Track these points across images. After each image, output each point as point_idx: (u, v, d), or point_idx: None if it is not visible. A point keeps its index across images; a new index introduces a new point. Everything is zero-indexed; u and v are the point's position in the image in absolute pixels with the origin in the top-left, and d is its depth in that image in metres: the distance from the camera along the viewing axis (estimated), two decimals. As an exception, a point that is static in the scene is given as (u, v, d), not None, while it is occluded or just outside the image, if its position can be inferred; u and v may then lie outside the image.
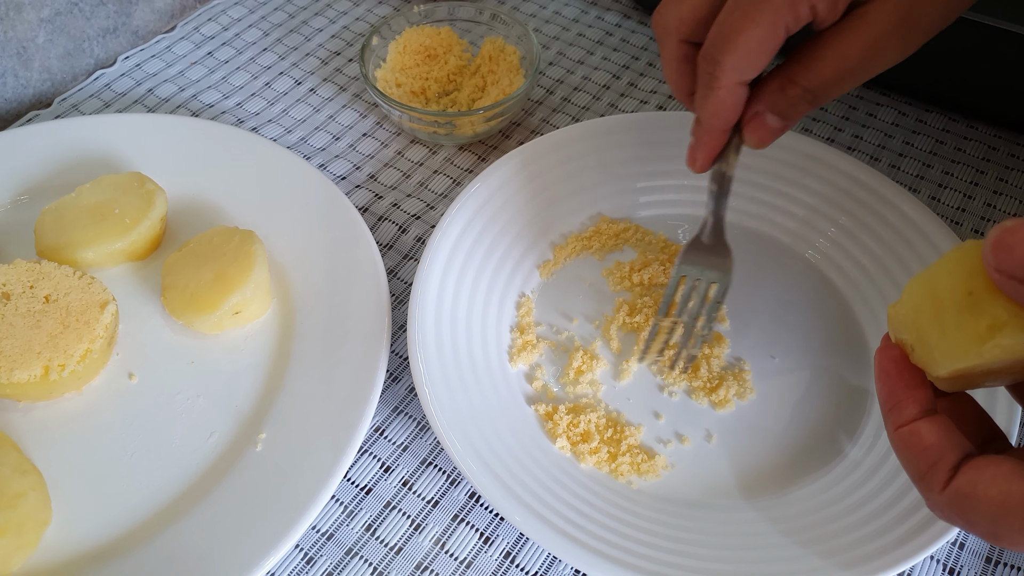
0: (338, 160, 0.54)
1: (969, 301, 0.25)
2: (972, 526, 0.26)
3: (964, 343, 0.25)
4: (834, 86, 0.35)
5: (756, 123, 0.36)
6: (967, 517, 0.26)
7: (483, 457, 0.37)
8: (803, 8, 0.33)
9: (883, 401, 0.29)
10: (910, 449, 0.28)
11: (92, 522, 0.37)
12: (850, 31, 0.33)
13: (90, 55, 0.59)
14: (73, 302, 0.40)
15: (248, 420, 0.40)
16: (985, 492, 0.26)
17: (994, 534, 0.26)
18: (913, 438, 0.28)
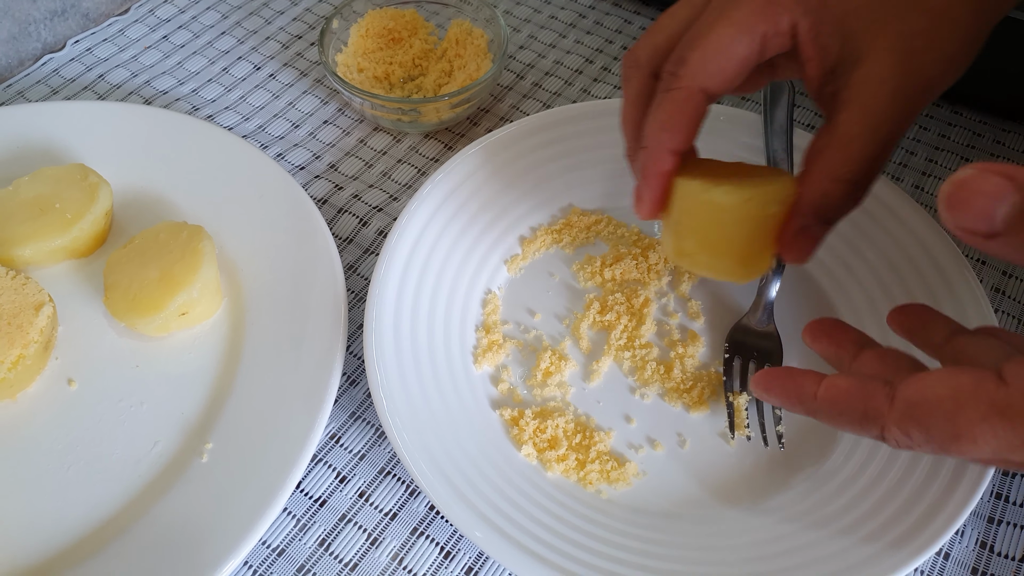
0: (297, 149, 0.51)
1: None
2: (931, 433, 0.25)
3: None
4: (875, 164, 0.31)
5: (804, 238, 0.32)
6: (924, 424, 0.25)
7: (442, 468, 0.35)
8: (783, 17, 0.31)
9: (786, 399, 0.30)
10: (839, 401, 0.28)
11: (24, 539, 0.35)
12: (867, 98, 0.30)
13: (37, 39, 0.56)
14: (5, 304, 0.38)
15: (194, 428, 0.38)
16: (934, 393, 0.25)
17: (955, 434, 0.25)
18: (832, 391, 0.28)
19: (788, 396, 0.29)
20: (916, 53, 0.30)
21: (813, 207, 0.31)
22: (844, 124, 0.31)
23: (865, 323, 0.41)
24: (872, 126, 0.30)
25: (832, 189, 0.31)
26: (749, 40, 0.31)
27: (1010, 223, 0.23)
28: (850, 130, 0.31)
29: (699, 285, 0.44)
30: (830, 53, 0.31)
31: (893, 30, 0.30)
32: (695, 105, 0.32)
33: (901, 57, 0.30)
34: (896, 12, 0.30)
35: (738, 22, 0.31)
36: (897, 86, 0.30)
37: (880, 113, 0.30)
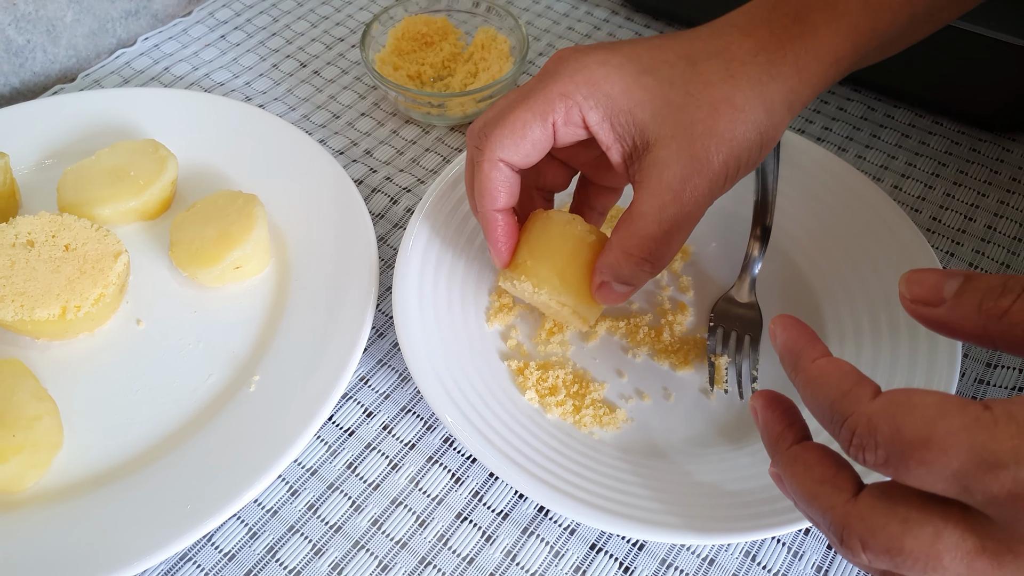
0: (337, 136, 0.58)
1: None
2: (900, 433, 0.24)
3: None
4: (665, 243, 0.36)
5: (605, 291, 0.39)
6: (897, 422, 0.24)
7: (457, 404, 0.41)
8: (573, 110, 0.35)
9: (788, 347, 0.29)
10: (831, 374, 0.27)
11: (98, 449, 0.41)
12: (653, 180, 0.35)
13: (113, 35, 0.63)
14: (90, 251, 0.44)
15: (243, 364, 0.44)
16: (921, 399, 0.24)
17: (927, 437, 0.23)
18: (834, 364, 0.27)
19: (794, 344, 0.29)
20: (695, 138, 0.35)
21: (609, 269, 0.37)
22: (635, 203, 0.36)
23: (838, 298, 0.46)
24: (657, 206, 0.35)
25: (623, 260, 0.36)
26: (541, 126, 0.36)
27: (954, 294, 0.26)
28: (640, 208, 0.35)
29: (690, 264, 0.49)
30: (627, 141, 0.36)
31: (674, 120, 0.35)
32: (500, 173, 0.37)
33: (682, 143, 0.35)
34: (676, 105, 0.35)
35: (532, 108, 0.36)
36: (680, 169, 0.35)
37: (664, 193, 0.35)
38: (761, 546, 0.40)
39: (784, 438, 0.29)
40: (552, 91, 0.36)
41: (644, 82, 0.35)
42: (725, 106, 0.35)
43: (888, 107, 0.60)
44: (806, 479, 0.27)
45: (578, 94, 0.35)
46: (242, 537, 0.40)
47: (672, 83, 0.35)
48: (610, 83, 0.35)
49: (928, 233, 0.52)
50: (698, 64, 0.36)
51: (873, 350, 0.44)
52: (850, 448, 0.25)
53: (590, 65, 0.36)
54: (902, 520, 0.25)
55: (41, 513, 0.38)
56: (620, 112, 0.36)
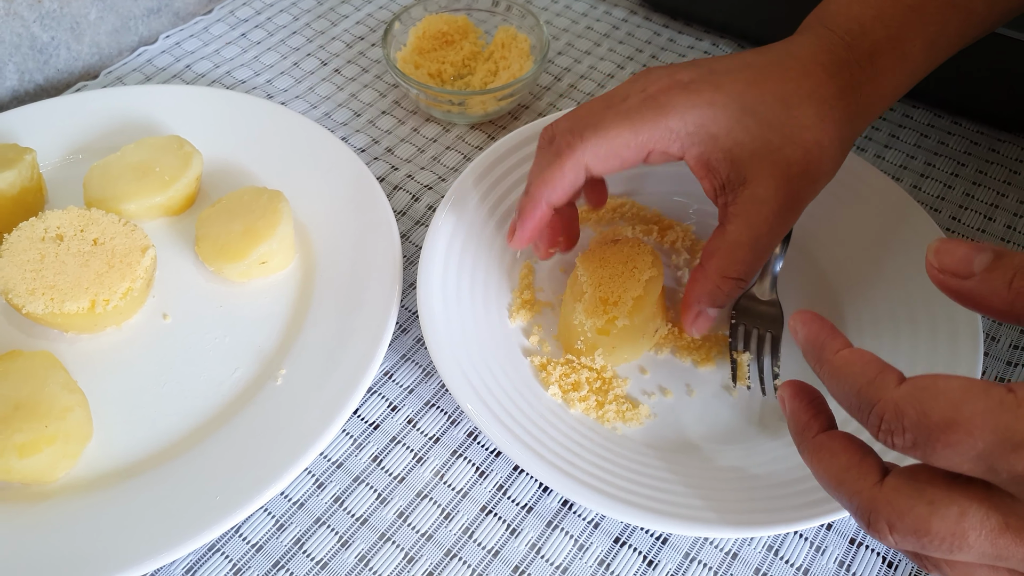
0: (358, 134, 0.58)
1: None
2: (927, 416, 0.24)
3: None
4: (757, 264, 0.40)
5: (702, 319, 0.42)
6: (924, 406, 0.25)
7: (482, 397, 0.41)
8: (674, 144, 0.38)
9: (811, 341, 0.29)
10: (855, 363, 0.27)
11: (126, 441, 0.41)
12: (752, 214, 0.38)
13: (135, 33, 0.64)
14: (118, 245, 0.44)
15: (269, 359, 0.44)
16: (946, 384, 0.25)
17: (952, 420, 0.24)
18: (857, 354, 0.28)
19: (816, 337, 0.29)
20: (792, 179, 0.38)
21: (708, 297, 0.41)
22: (732, 233, 0.39)
23: (859, 297, 0.47)
24: (755, 236, 0.39)
25: (723, 284, 0.40)
26: (636, 149, 0.38)
27: (983, 268, 0.27)
28: (738, 239, 0.39)
29: (711, 261, 0.50)
30: (719, 175, 0.39)
31: (771, 160, 0.38)
32: (576, 174, 0.39)
33: (779, 183, 0.38)
34: (775, 146, 0.38)
35: (637, 131, 0.38)
36: (777, 206, 0.38)
37: (761, 226, 0.38)
38: (783, 541, 0.40)
39: (810, 427, 0.30)
40: (661, 123, 0.37)
41: (746, 123, 0.38)
42: (817, 149, 0.38)
43: (907, 107, 0.60)
44: (832, 466, 0.28)
45: (685, 131, 0.38)
46: (269, 529, 0.40)
47: (771, 126, 0.38)
48: (716, 125, 0.38)
49: (948, 232, 0.53)
50: (793, 108, 0.38)
51: (892, 350, 0.44)
52: (879, 433, 0.26)
53: (700, 105, 0.38)
54: (928, 502, 0.26)
55: (71, 503, 0.39)
56: (720, 150, 0.38)
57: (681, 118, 0.38)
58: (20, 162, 0.47)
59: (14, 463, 0.37)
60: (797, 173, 0.38)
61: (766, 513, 0.38)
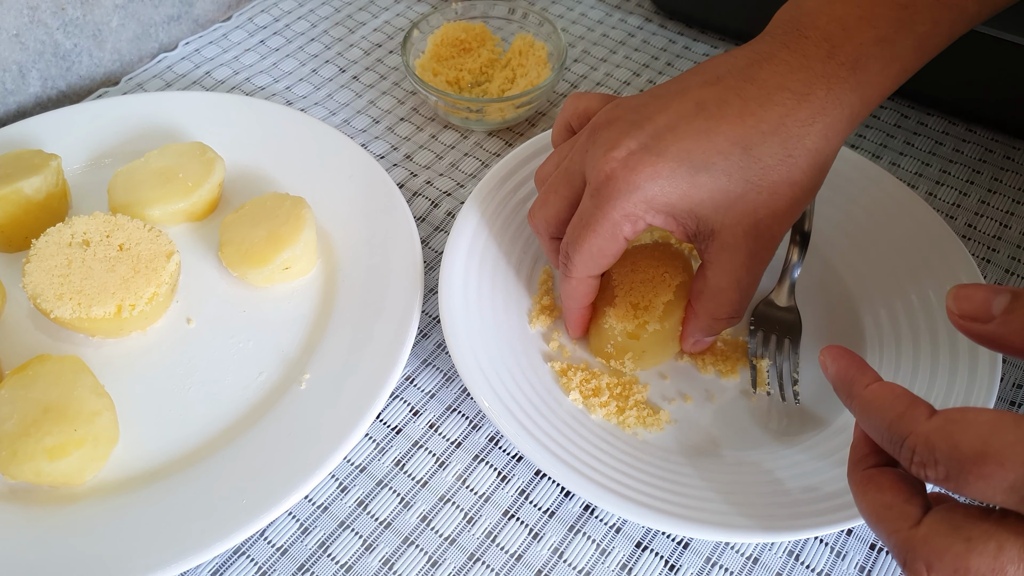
0: (377, 141, 0.58)
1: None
2: (958, 448, 0.25)
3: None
4: (745, 301, 0.40)
5: (697, 344, 0.44)
6: (954, 439, 0.25)
7: (504, 402, 0.41)
8: (639, 223, 0.38)
9: (841, 376, 0.31)
10: (885, 397, 0.28)
11: (153, 445, 0.41)
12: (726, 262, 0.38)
13: (155, 40, 0.64)
14: (143, 251, 0.45)
15: (293, 363, 0.45)
16: (976, 416, 0.25)
17: (983, 452, 0.24)
18: (887, 388, 0.29)
19: (846, 373, 0.30)
20: (760, 222, 0.37)
21: (702, 332, 0.43)
22: (712, 279, 0.40)
23: (877, 303, 0.47)
24: (734, 280, 0.39)
25: (713, 323, 0.42)
26: (614, 245, 0.39)
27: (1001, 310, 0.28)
28: (719, 283, 0.39)
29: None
30: (688, 228, 0.38)
31: (736, 211, 0.37)
32: (587, 286, 0.42)
33: (747, 229, 0.37)
34: (737, 195, 0.37)
35: (602, 233, 0.38)
36: (748, 251, 0.38)
37: (740, 270, 0.39)
38: (804, 546, 0.40)
39: (867, 459, 0.30)
40: (613, 215, 0.37)
41: (700, 182, 0.36)
42: (785, 187, 0.37)
43: (921, 115, 0.60)
44: (876, 501, 0.29)
45: (637, 211, 0.37)
46: (294, 532, 0.40)
47: (730, 175, 0.36)
48: (666, 195, 0.37)
49: (963, 240, 0.53)
50: (753, 149, 0.36)
51: (912, 355, 0.45)
52: (911, 466, 0.27)
53: (641, 184, 0.36)
54: (965, 539, 0.26)
55: (99, 506, 0.39)
56: (681, 214, 0.37)
57: (628, 202, 0.37)
58: (46, 168, 0.47)
59: (44, 466, 0.37)
60: (764, 215, 0.37)
61: (788, 519, 0.38)
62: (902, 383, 0.43)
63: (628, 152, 0.37)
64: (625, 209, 0.37)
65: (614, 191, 0.37)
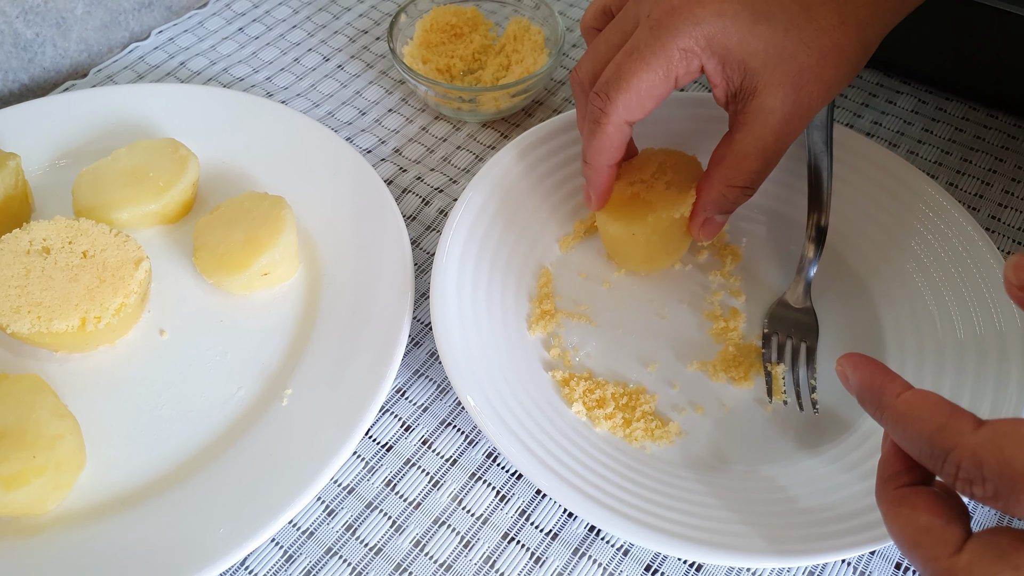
0: (364, 134, 0.55)
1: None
2: (1010, 465, 0.23)
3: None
4: (764, 173, 0.39)
5: (709, 225, 0.42)
6: (1005, 455, 0.23)
7: (501, 416, 0.38)
8: (694, 62, 0.37)
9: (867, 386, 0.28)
10: (922, 407, 0.26)
11: (123, 469, 0.38)
12: (758, 124, 0.37)
13: (125, 28, 0.61)
14: (109, 258, 0.42)
15: (274, 376, 0.41)
16: None
17: None
18: (922, 396, 0.26)
19: (871, 382, 0.28)
20: (802, 86, 0.37)
21: (714, 205, 0.40)
22: (739, 142, 0.38)
23: (898, 302, 0.44)
24: (761, 146, 0.38)
25: (728, 192, 0.40)
26: (664, 82, 0.37)
27: None
28: (744, 147, 0.38)
29: (741, 266, 0.47)
30: (732, 83, 0.37)
31: (783, 69, 0.36)
32: (621, 134, 0.39)
33: (788, 91, 0.37)
34: (789, 53, 0.36)
35: (656, 67, 0.36)
36: (784, 116, 0.37)
37: (768, 136, 0.38)
38: (825, 566, 0.37)
39: (899, 477, 0.27)
40: (671, 47, 0.36)
41: (759, 30, 0.36)
42: (834, 53, 0.37)
43: (940, 100, 0.57)
44: (911, 524, 0.26)
45: (696, 47, 0.36)
46: (277, 560, 0.37)
47: (787, 30, 0.36)
48: (727, 35, 0.36)
49: (988, 232, 0.50)
50: (811, 8, 0.36)
51: (936, 359, 0.42)
52: (955, 482, 0.25)
53: (707, 18, 0.36)
54: (1014, 567, 0.24)
55: (64, 537, 0.36)
56: (734, 60, 0.37)
57: (690, 36, 0.36)
58: (3, 168, 0.44)
59: (0, 496, 0.34)
60: (809, 79, 0.37)
61: (808, 541, 0.35)
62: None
63: None
64: (686, 42, 0.36)
65: (678, 20, 0.36)
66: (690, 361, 0.43)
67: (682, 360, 0.43)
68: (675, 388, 0.42)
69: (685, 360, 0.43)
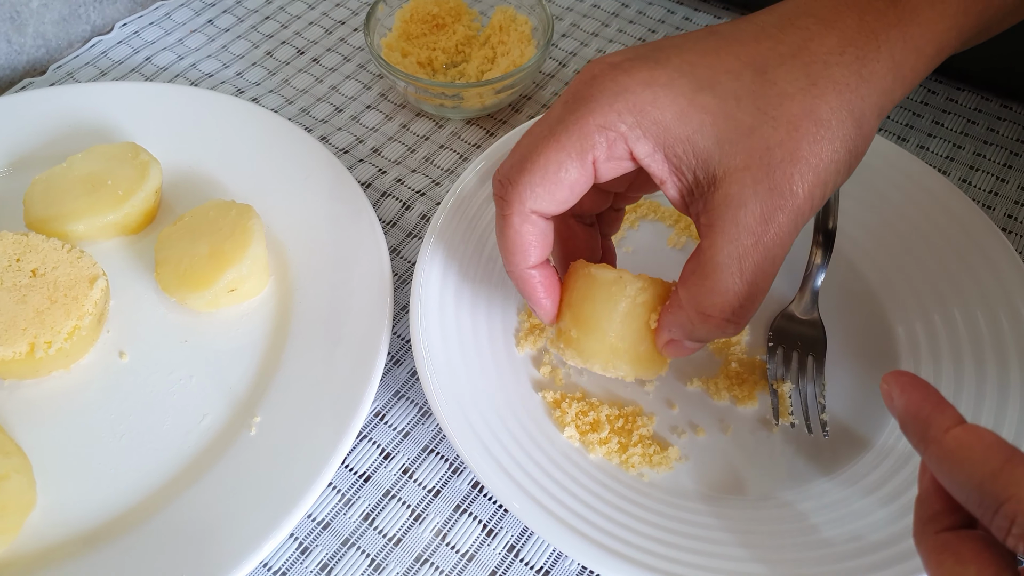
0: (340, 132, 0.52)
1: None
2: None
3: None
4: (750, 298, 0.30)
5: (674, 347, 0.33)
6: None
7: (486, 445, 0.36)
8: (618, 145, 0.29)
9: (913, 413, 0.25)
10: (973, 447, 0.23)
11: (78, 507, 0.36)
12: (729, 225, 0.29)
13: (86, 21, 0.57)
14: (61, 276, 0.38)
15: (242, 402, 0.39)
16: None
17: None
18: (975, 435, 0.23)
19: (919, 410, 0.25)
20: (775, 167, 0.28)
21: (680, 331, 0.32)
22: (708, 252, 0.29)
23: (911, 313, 0.41)
24: (737, 256, 0.29)
25: (698, 321, 0.31)
26: (579, 167, 0.30)
27: None
28: (714, 258, 0.29)
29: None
30: (684, 176, 0.30)
31: (744, 146, 0.28)
32: (532, 227, 0.31)
33: (759, 174, 0.28)
34: (747, 127, 0.28)
35: (565, 147, 0.29)
36: (760, 208, 0.28)
37: (743, 239, 0.29)
38: (839, 604, 0.35)
39: (939, 519, 0.24)
40: (588, 124, 0.29)
41: (703, 102, 0.29)
42: (808, 123, 0.28)
43: (950, 90, 0.54)
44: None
45: (621, 124, 0.29)
46: (246, 605, 0.35)
47: (739, 99, 0.29)
48: (659, 108, 0.29)
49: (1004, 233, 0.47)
50: (769, 72, 0.29)
51: (954, 374, 0.39)
52: (1008, 538, 0.22)
53: (632, 88, 0.29)
54: None
55: (13, 584, 0.33)
56: (676, 142, 0.29)
57: (611, 107, 0.29)
58: (-52, 178, 0.41)
59: (-61, 544, 0.32)
60: (782, 158, 0.28)
61: None
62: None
63: (623, 58, 0.30)
64: (605, 117, 0.29)
65: (595, 92, 0.29)
66: (690, 378, 0.40)
67: (681, 377, 0.40)
68: (674, 408, 0.40)
69: (684, 377, 0.40)
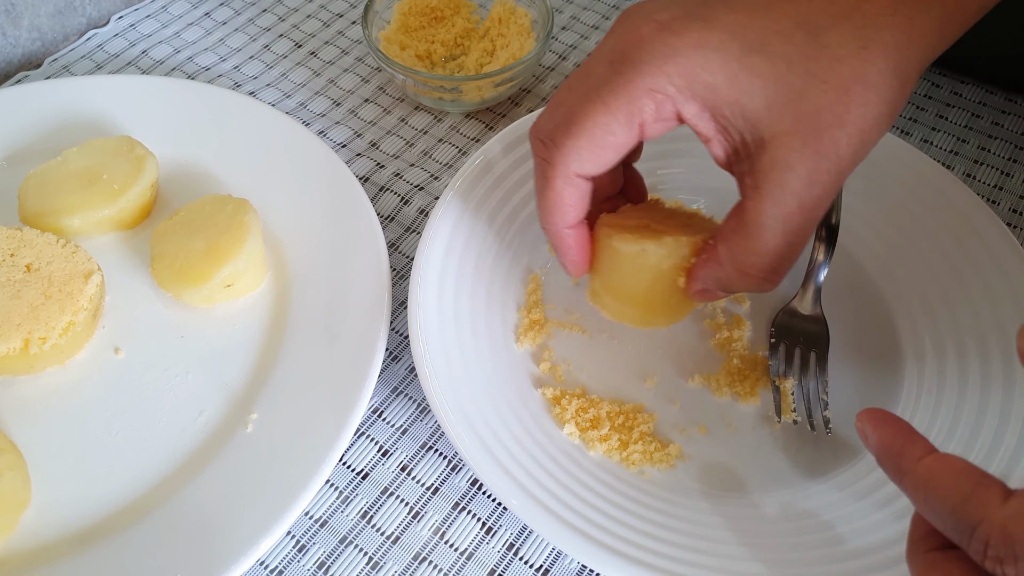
0: (338, 126, 0.51)
1: None
2: None
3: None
4: (790, 256, 0.30)
5: (707, 295, 0.34)
6: None
7: (485, 442, 0.35)
8: (666, 106, 0.29)
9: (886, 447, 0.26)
10: (945, 475, 0.24)
11: (73, 504, 0.35)
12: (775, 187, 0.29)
13: (82, 14, 0.56)
14: (56, 271, 0.38)
15: (239, 399, 0.38)
16: None
17: None
18: (946, 462, 0.24)
19: (891, 443, 0.26)
20: (823, 131, 0.28)
21: (716, 284, 0.32)
22: (752, 212, 0.29)
23: (915, 309, 0.41)
24: (782, 217, 0.29)
25: (737, 278, 0.31)
26: (626, 129, 0.29)
27: None
28: (758, 219, 0.29)
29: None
30: (731, 136, 0.30)
31: (794, 110, 0.28)
32: (574, 190, 0.31)
33: (807, 138, 0.28)
34: (797, 90, 0.28)
35: (612, 109, 0.29)
36: (806, 172, 0.28)
37: (788, 201, 0.29)
38: (841, 602, 0.34)
39: (927, 540, 0.25)
40: (637, 86, 0.29)
41: (753, 64, 0.28)
42: (857, 86, 0.28)
43: (955, 83, 0.53)
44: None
45: (670, 86, 0.28)
46: (243, 604, 0.34)
47: (790, 62, 0.28)
48: (710, 71, 0.28)
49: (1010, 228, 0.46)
50: (821, 34, 0.28)
51: (958, 371, 0.39)
52: (985, 560, 0.23)
53: (683, 50, 0.28)
54: None
55: (8, 582, 0.33)
56: (724, 104, 0.29)
57: (662, 72, 0.28)
58: (-59, 172, 0.40)
59: (-67, 541, 0.31)
60: (830, 122, 0.28)
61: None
62: (946, 406, 0.38)
63: (671, 16, 0.29)
64: (655, 80, 0.28)
65: (644, 54, 0.29)
66: (691, 375, 0.40)
67: (683, 374, 0.40)
68: (675, 405, 0.39)
69: (686, 374, 0.40)
